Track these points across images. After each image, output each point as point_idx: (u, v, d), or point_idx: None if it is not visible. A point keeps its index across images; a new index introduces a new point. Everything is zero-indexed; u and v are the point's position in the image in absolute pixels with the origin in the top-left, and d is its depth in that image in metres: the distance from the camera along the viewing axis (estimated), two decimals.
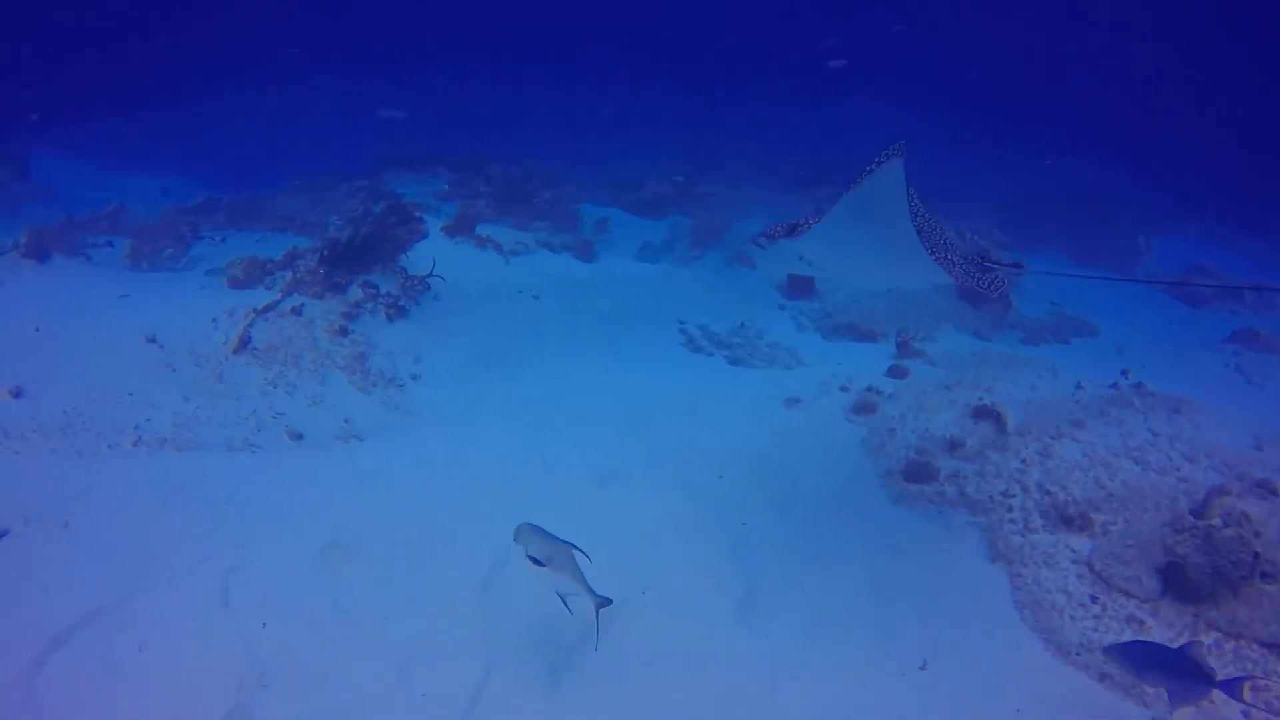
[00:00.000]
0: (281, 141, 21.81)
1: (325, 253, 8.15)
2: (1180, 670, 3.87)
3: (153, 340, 6.83)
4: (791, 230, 4.69)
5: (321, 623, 4.43)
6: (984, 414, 7.03)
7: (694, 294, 10.43)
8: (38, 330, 6.91)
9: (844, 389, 7.99)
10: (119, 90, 21.67)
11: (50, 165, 16.28)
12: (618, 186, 15.18)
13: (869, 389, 7.76)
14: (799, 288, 10.66)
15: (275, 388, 6.61)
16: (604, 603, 3.99)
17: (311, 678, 4.06)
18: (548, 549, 4.02)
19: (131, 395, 6.21)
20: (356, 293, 7.92)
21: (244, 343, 6.88)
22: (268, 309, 7.37)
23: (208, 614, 4.40)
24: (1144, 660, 3.97)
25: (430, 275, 8.35)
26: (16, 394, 6.00)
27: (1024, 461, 6.37)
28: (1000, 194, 16.60)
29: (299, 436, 6.24)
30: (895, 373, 8.24)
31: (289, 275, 8.05)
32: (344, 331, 7.34)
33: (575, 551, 4.04)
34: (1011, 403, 7.26)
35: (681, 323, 9.75)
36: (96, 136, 19.27)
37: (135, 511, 5.14)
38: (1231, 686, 3.87)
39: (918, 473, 6.40)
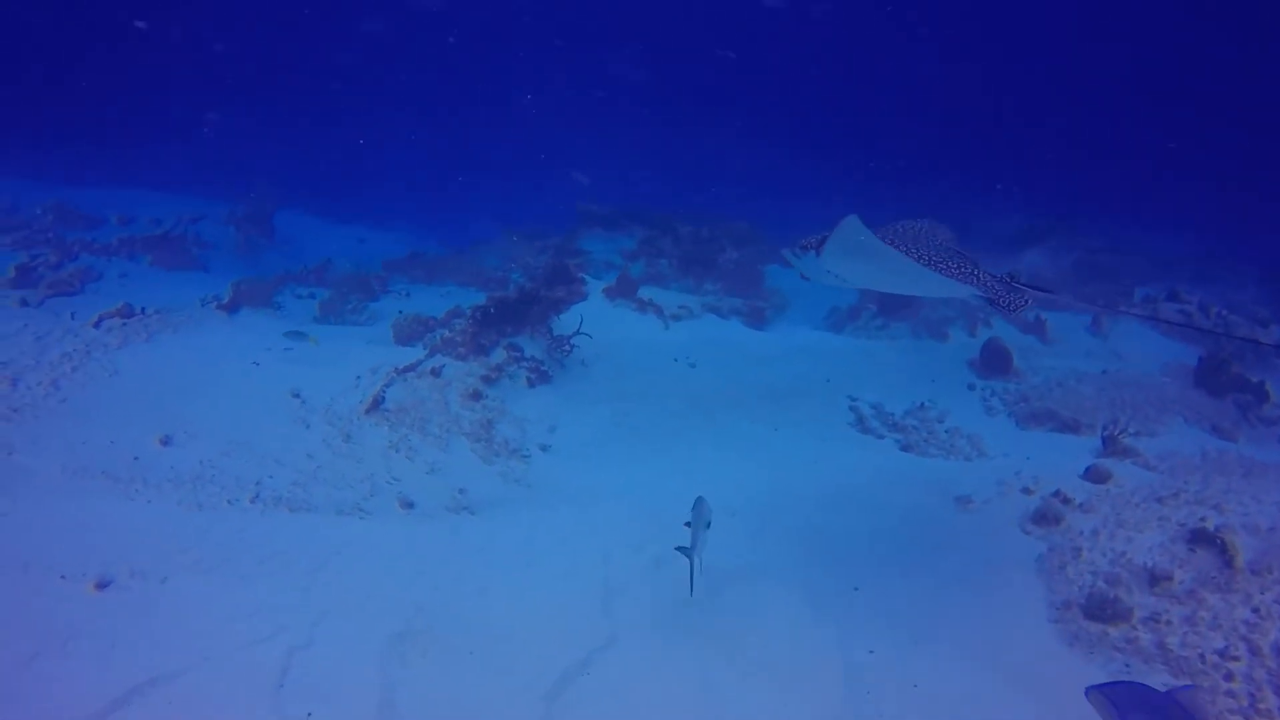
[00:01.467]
0: (497, 198, 23.18)
1: (478, 313, 8.15)
2: (1167, 717, 3.60)
3: (296, 395, 7.03)
4: (821, 244, 4.94)
5: None
6: (1204, 540, 5.64)
7: (873, 368, 9.47)
8: (256, 364, 7.48)
9: (1027, 490, 6.77)
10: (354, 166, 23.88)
11: (293, 223, 18.12)
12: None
13: (1056, 494, 6.50)
14: (993, 365, 9.39)
15: (398, 451, 6.55)
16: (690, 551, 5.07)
17: None
18: (699, 516, 5.11)
19: (261, 451, 6.36)
20: (500, 355, 7.82)
21: (377, 403, 6.92)
22: (409, 369, 7.42)
23: (258, 697, 4.21)
24: (1129, 703, 3.69)
25: (575, 335, 8.09)
26: (165, 442, 6.32)
27: (1258, 612, 4.95)
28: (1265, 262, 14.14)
29: (410, 505, 6.10)
30: (1094, 475, 6.87)
31: (441, 334, 8.11)
32: (477, 396, 7.22)
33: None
34: (1249, 529, 5.79)
35: (853, 400, 8.85)
36: (338, 200, 21.32)
37: (231, 573, 5.15)
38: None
39: (1104, 609, 5.15)
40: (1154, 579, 5.38)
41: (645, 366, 8.53)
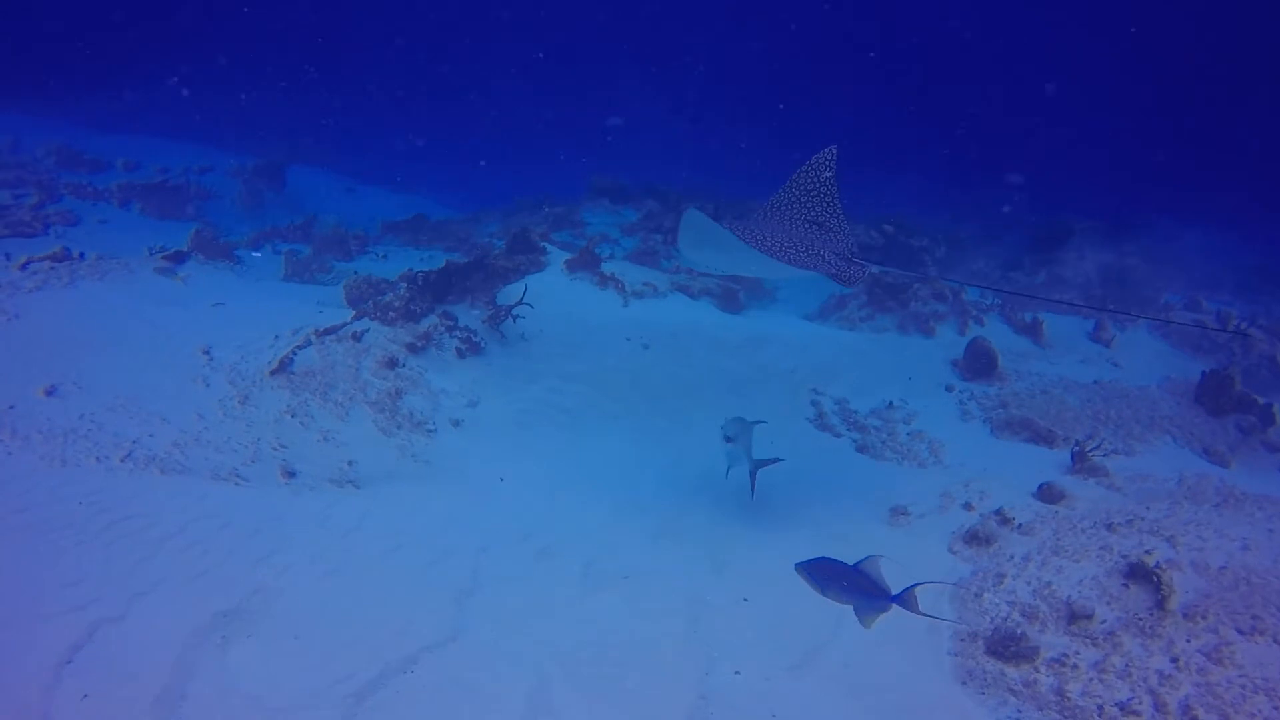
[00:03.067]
0: (524, 165, 22.79)
1: (418, 278, 7.77)
2: (859, 586, 4.13)
3: (206, 352, 6.74)
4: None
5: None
6: (1140, 576, 5.01)
7: (848, 362, 8.84)
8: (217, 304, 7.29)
9: (968, 506, 6.17)
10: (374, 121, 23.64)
11: (308, 179, 17.96)
12: None
13: (998, 512, 5.89)
14: (976, 366, 8.70)
15: (294, 417, 6.21)
16: (761, 464, 5.75)
17: None
18: (737, 430, 5.65)
19: (149, 408, 6.07)
20: (432, 322, 7.42)
21: (284, 365, 6.58)
22: (329, 331, 7.07)
23: (38, 673, 3.89)
24: (827, 576, 4.24)
25: (517, 307, 7.65)
26: (50, 392, 6.07)
27: (1176, 663, 4.34)
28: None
29: (292, 474, 5.77)
30: (1046, 494, 6.22)
31: (378, 299, 7.75)
32: (393, 364, 6.84)
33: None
34: (1198, 567, 5.14)
35: (817, 394, 8.27)
36: (362, 160, 21.15)
37: (68, 536, 4.85)
38: (903, 599, 4.04)
39: (1008, 646, 4.58)
40: (1073, 616, 4.78)
41: (593, 345, 8.05)
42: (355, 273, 8.93)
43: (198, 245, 9.47)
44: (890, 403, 8.13)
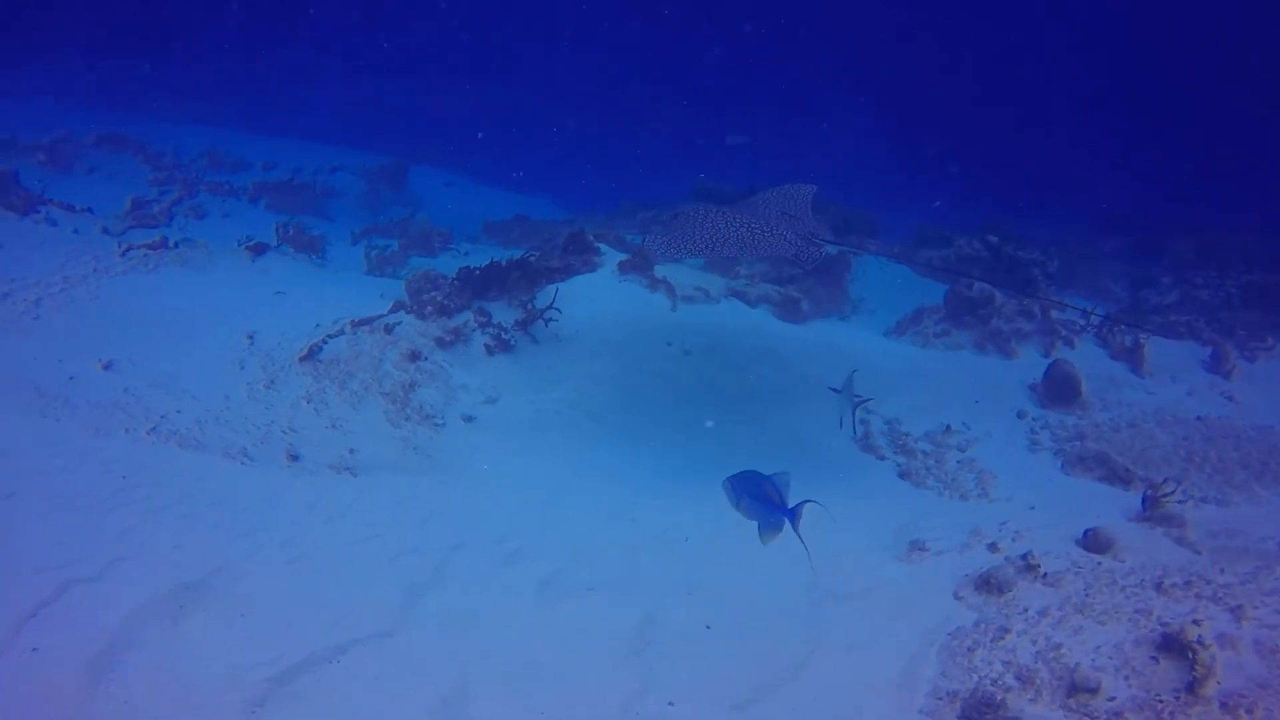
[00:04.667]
0: (645, 172, 22.87)
1: (462, 274, 7.87)
2: (765, 499, 4.16)
3: (250, 337, 7.07)
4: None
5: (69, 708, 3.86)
6: (1175, 649, 4.30)
7: (909, 379, 8.24)
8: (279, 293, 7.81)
9: (994, 547, 5.54)
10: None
11: (424, 177, 18.77)
12: (925, 241, 13.01)
13: (1025, 557, 5.25)
14: (1055, 392, 7.86)
15: (310, 403, 6.40)
16: (860, 402, 6.38)
17: None
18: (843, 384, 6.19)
19: (184, 386, 6.42)
20: (465, 318, 7.48)
21: (312, 352, 6.81)
22: (365, 322, 7.26)
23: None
24: (742, 490, 4.26)
25: (550, 309, 7.59)
26: (106, 367, 6.54)
27: None
28: None
29: (296, 458, 5.94)
30: (1091, 541, 5.49)
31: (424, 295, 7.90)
32: (415, 356, 6.93)
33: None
34: (1262, 649, 4.37)
35: (867, 412, 7.73)
36: (492, 164, 21.90)
37: (76, 499, 5.17)
38: (792, 515, 4.12)
39: (981, 714, 4.03)
40: (1075, 687, 4.16)
41: (630, 349, 7.86)
42: (413, 270, 9.16)
43: (285, 238, 10.03)
44: (948, 426, 7.48)
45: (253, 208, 13.79)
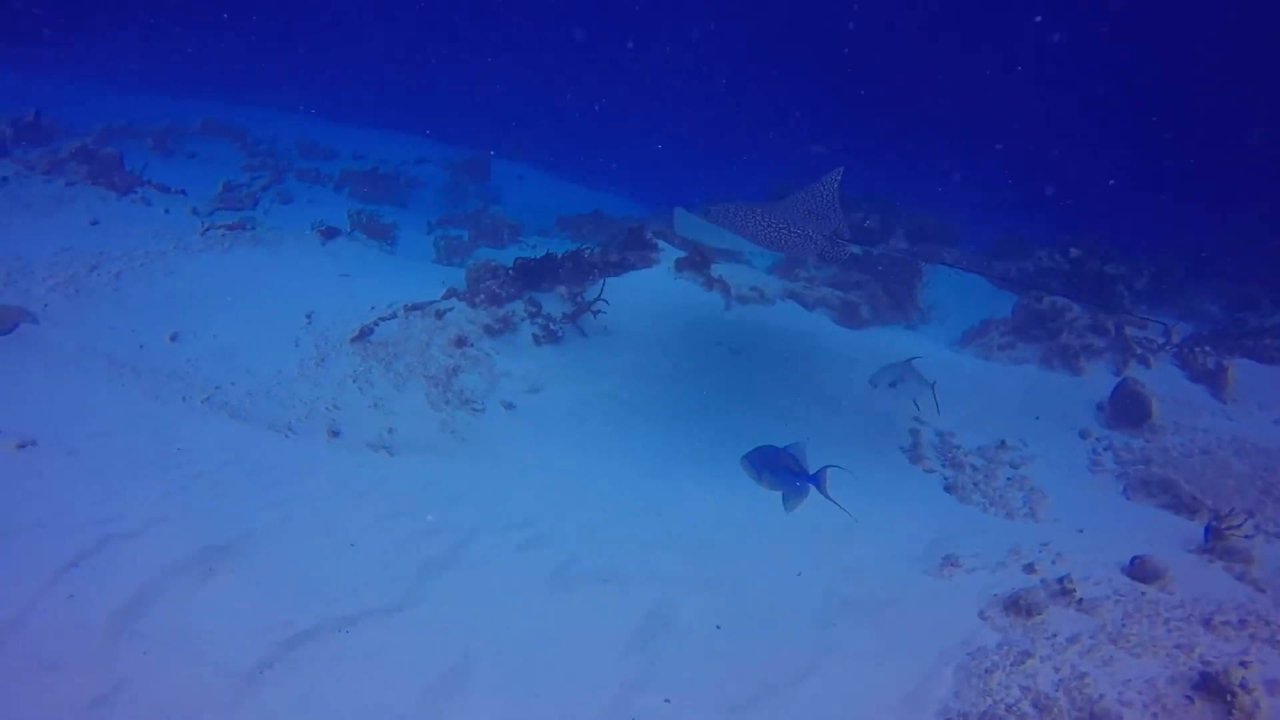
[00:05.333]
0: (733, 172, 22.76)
1: (519, 264, 7.97)
2: (786, 470, 4.42)
3: (308, 316, 7.32)
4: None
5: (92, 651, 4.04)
6: (1212, 689, 4.02)
7: (967, 392, 7.92)
8: (343, 276, 8.14)
9: (1032, 568, 5.28)
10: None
11: (508, 170, 19.10)
12: (1003, 252, 12.53)
13: (1062, 580, 4.98)
14: (1123, 413, 7.44)
15: (355, 382, 6.59)
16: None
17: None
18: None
19: (241, 360, 6.70)
20: (515, 307, 7.57)
21: (364, 333, 7.00)
22: (417, 306, 7.43)
23: (42, 572, 4.39)
24: (762, 464, 4.49)
25: (597, 300, 7.61)
26: (174, 338, 6.88)
27: None
28: None
29: (336, 434, 6.12)
30: (1138, 570, 5.16)
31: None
32: (462, 342, 7.05)
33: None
34: None
35: (919, 423, 7.50)
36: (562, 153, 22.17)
37: (130, 457, 5.45)
38: (816, 480, 4.43)
39: None
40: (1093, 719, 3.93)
41: (678, 346, 7.81)
42: (474, 260, 9.30)
43: (358, 224, 10.36)
44: (1002, 442, 7.18)
45: (337, 195, 14.28)
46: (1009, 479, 6.71)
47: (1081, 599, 4.84)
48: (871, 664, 4.46)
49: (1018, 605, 4.80)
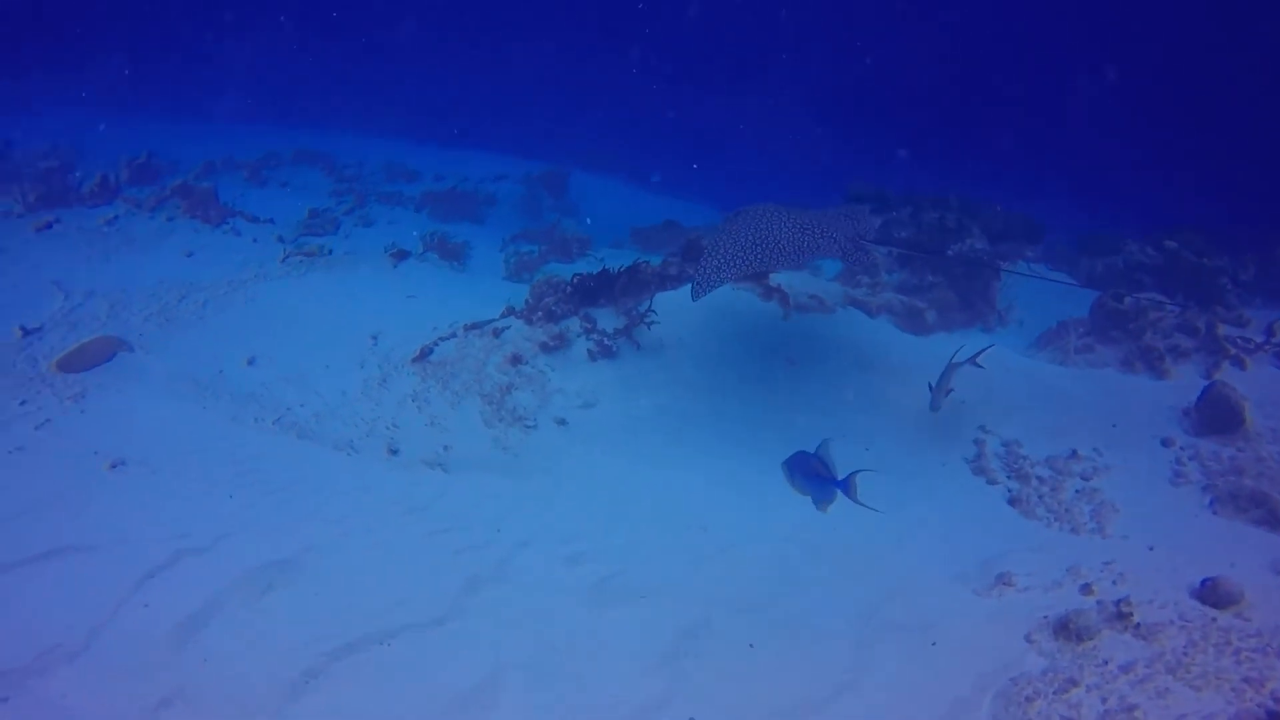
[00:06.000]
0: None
1: (576, 281, 8.12)
2: (814, 474, 4.50)
3: (374, 337, 7.66)
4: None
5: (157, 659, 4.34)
6: None
7: (1039, 399, 7.59)
8: (410, 297, 8.56)
9: (1089, 589, 5.04)
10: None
11: (587, 184, 19.37)
12: (1088, 248, 11.96)
13: (1120, 603, 4.74)
14: (1212, 420, 6.99)
15: (414, 401, 6.85)
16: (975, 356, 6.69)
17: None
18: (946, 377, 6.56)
19: (310, 382, 7.06)
20: (571, 324, 7.71)
21: (424, 354, 7.27)
22: (476, 326, 7.66)
23: (122, 584, 4.74)
24: (794, 469, 4.58)
25: (648, 313, 7.68)
26: (250, 362, 7.32)
27: None
28: None
29: (395, 452, 6.39)
30: (1210, 594, 4.85)
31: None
32: (518, 360, 7.22)
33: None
34: None
35: (984, 433, 7.26)
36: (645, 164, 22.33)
37: (206, 476, 5.85)
38: (845, 485, 4.46)
39: None
40: None
41: (734, 358, 7.76)
42: (548, 277, 9.50)
43: (430, 245, 10.74)
44: (1074, 451, 6.86)
45: (417, 215, 14.77)
46: (1077, 491, 6.41)
47: (1139, 624, 4.60)
48: (906, 689, 4.36)
49: (1067, 629, 4.60)
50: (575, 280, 8.06)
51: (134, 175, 13.62)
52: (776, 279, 8.63)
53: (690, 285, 6.20)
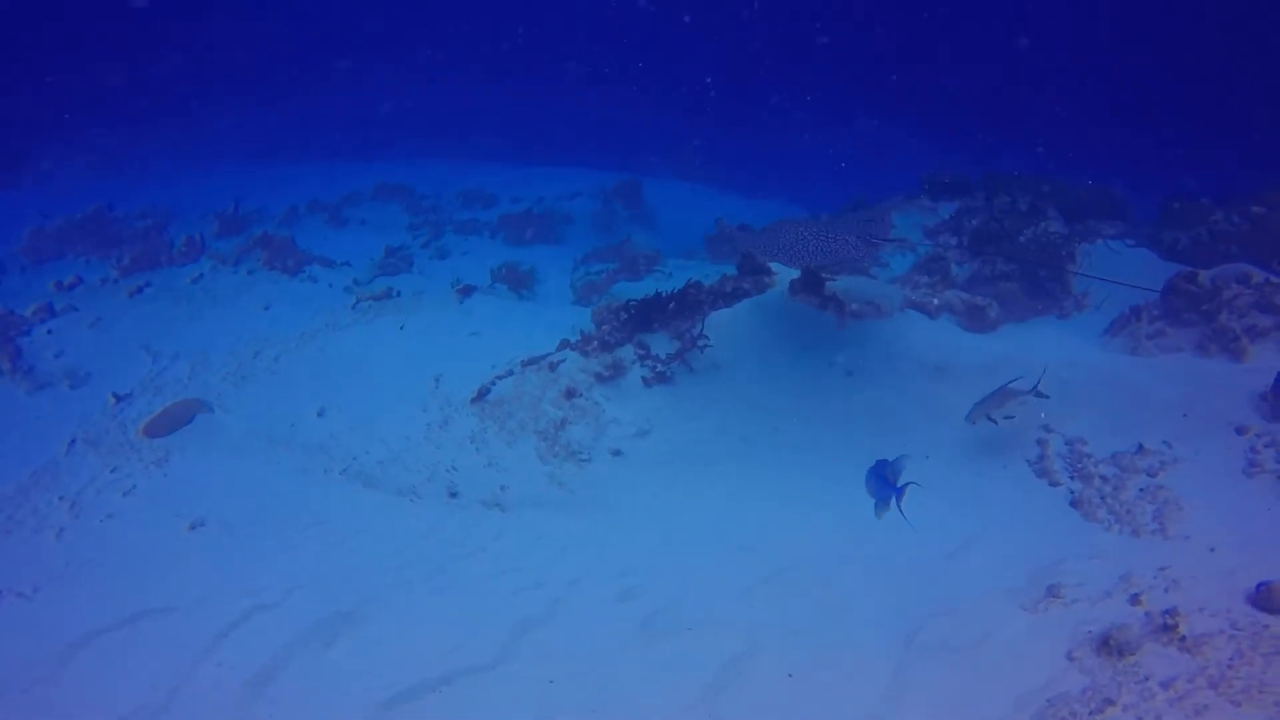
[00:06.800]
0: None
1: (630, 308, 8.26)
2: (882, 478, 4.99)
3: (436, 379, 8.02)
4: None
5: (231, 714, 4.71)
6: None
7: (1105, 392, 7.27)
8: (474, 334, 9.01)
9: (1138, 600, 4.88)
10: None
11: (664, 192, 19.47)
12: (1172, 219, 11.29)
13: (1167, 614, 4.58)
14: None
15: (473, 442, 7.15)
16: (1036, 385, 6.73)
17: None
18: (987, 408, 6.59)
19: (376, 429, 7.47)
20: (626, 352, 7.87)
21: (482, 394, 7.57)
22: (532, 361, 7.92)
23: (195, 646, 5.18)
24: (873, 472, 5.08)
25: (700, 337, 7.75)
26: (320, 414, 7.80)
27: None
28: None
29: (454, 495, 6.70)
30: (1265, 599, 4.62)
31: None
32: (572, 394, 7.43)
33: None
34: None
35: (1047, 431, 7.05)
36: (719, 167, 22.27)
37: (276, 533, 6.31)
38: (898, 494, 4.93)
39: None
40: None
41: (790, 372, 7.74)
42: (601, 299, 9.70)
43: (499, 277, 11.10)
44: (1141, 446, 6.58)
45: (492, 242, 15.22)
46: (1141, 489, 6.15)
47: (1185, 635, 4.44)
48: (942, 713, 4.35)
49: (1108, 644, 4.49)
50: (630, 307, 8.19)
51: (223, 227, 14.54)
52: (831, 287, 8.56)
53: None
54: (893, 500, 4.91)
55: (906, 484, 4.93)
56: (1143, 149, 18.39)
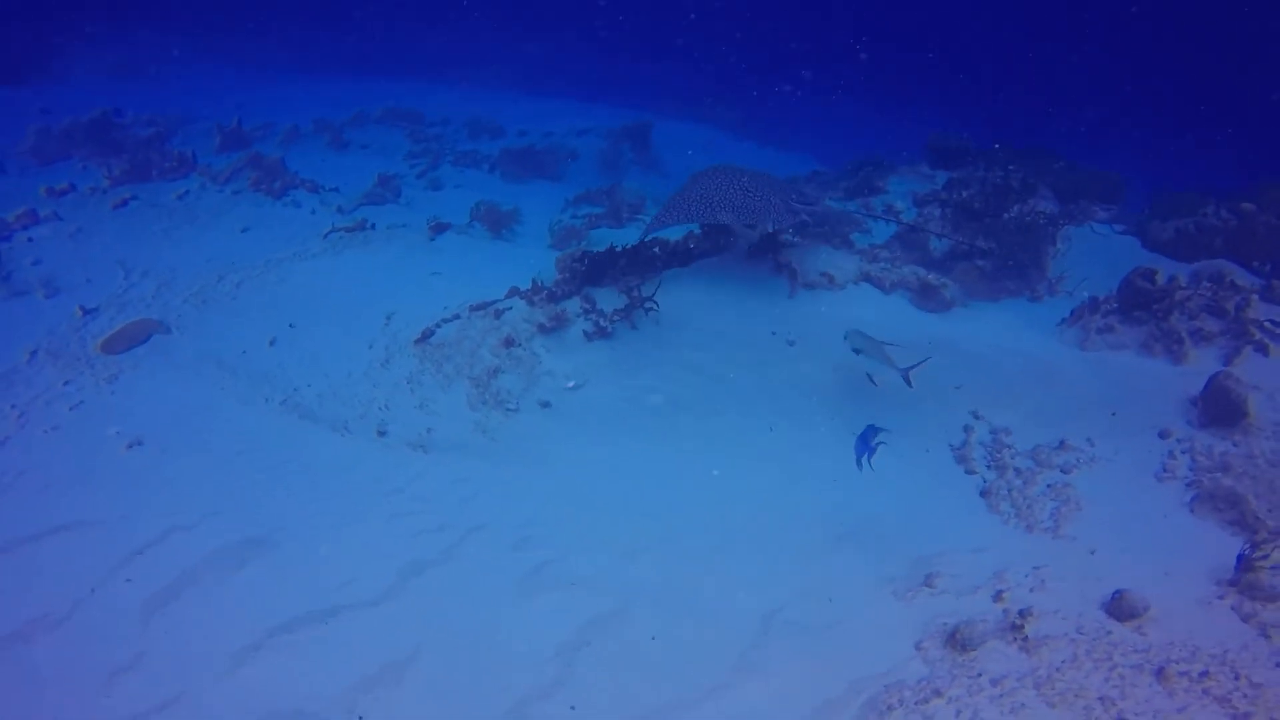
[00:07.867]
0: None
1: (584, 260, 8.34)
2: (862, 441, 5.86)
3: (388, 318, 8.18)
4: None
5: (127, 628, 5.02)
6: None
7: (1039, 384, 7.29)
8: (434, 274, 9.12)
9: (1000, 597, 5.00)
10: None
11: (674, 135, 19.22)
12: (1161, 209, 11.05)
13: (1020, 613, 4.71)
14: (1213, 412, 6.55)
15: (409, 383, 7.33)
16: (909, 369, 6.66)
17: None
18: (863, 343, 6.75)
19: (322, 363, 7.67)
20: (571, 305, 7.96)
21: (426, 335, 7.72)
22: (480, 307, 8.04)
23: (107, 562, 5.48)
24: (860, 435, 5.91)
25: (649, 300, 7.81)
26: (272, 343, 7.99)
27: None
28: None
29: (383, 434, 6.90)
30: (1115, 607, 4.72)
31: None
32: (510, 343, 7.57)
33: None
34: None
35: (975, 419, 7.10)
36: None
37: (206, 455, 6.55)
38: (870, 453, 5.85)
39: None
40: None
41: (732, 338, 7.80)
42: (571, 248, 9.74)
43: (477, 216, 11.13)
44: (1062, 442, 6.63)
45: (489, 177, 15.20)
46: (1048, 485, 6.22)
47: (1029, 636, 4.57)
48: (782, 690, 4.55)
49: (955, 638, 4.64)
50: (582, 258, 8.25)
51: (224, 142, 14.63)
52: (788, 254, 8.56)
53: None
54: (865, 457, 5.78)
55: (878, 443, 5.87)
56: (1185, 148, 17.83)
